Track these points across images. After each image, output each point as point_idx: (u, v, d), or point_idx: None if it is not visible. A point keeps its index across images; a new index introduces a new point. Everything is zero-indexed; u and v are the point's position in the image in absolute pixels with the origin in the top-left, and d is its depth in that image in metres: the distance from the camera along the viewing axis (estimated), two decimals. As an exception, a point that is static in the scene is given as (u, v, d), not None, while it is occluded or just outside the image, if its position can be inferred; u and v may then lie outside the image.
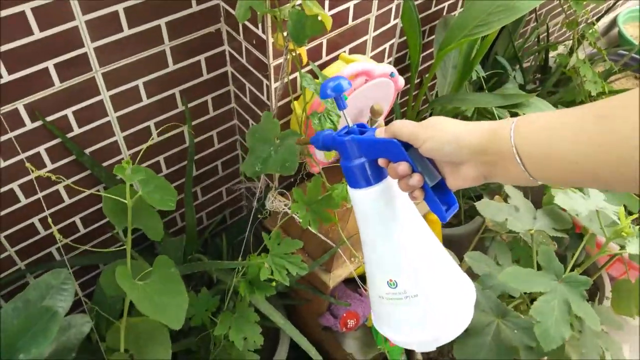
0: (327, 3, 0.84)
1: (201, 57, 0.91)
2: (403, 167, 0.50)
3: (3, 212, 0.84)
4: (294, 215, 0.97)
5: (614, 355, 0.96)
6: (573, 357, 0.91)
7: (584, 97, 1.45)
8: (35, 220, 0.89)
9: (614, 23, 2.29)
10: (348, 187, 0.57)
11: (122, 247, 0.74)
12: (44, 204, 0.86)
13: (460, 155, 0.47)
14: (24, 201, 0.85)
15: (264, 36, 0.81)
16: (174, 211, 1.13)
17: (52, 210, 0.90)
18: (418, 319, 0.56)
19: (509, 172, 0.45)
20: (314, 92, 0.76)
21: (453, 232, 1.37)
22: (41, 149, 0.81)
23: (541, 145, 0.42)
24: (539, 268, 0.90)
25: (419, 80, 1.40)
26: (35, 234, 0.91)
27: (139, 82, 0.85)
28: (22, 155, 0.80)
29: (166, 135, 0.97)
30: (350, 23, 0.91)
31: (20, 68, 0.71)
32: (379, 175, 0.54)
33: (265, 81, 0.88)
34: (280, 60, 0.85)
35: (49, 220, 0.75)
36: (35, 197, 0.86)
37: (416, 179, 0.49)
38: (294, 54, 0.79)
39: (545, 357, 0.95)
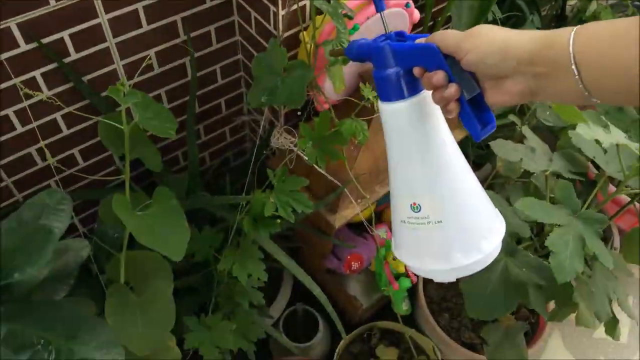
0: None
1: (204, -18, 0.86)
2: (439, 76, 0.46)
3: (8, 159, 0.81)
4: (299, 153, 0.94)
5: (621, 301, 0.95)
6: (580, 301, 0.90)
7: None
8: (32, 150, 0.86)
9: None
10: (379, 101, 0.54)
11: (121, 178, 0.71)
12: (38, 134, 0.82)
13: (506, 67, 0.44)
14: (19, 129, 0.82)
15: (271, -45, 0.75)
16: (175, 149, 1.10)
17: (50, 140, 0.87)
18: (439, 246, 0.54)
19: (559, 85, 0.42)
20: (327, 12, 0.71)
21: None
22: (37, 73, 0.77)
23: (603, 54, 0.39)
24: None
25: (432, 22, 1.34)
26: (32, 165, 0.88)
27: (138, 6, 0.80)
28: (17, 80, 0.76)
29: (167, 67, 0.92)
30: (364, -52, 0.85)
31: (12, -18, 0.67)
32: (414, 87, 0.51)
33: (272, 7, 0.83)
34: (289, -16, 0.79)
35: (45, 150, 0.72)
36: (32, 125, 0.82)
37: (452, 89, 0.46)
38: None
39: (553, 301, 0.94)
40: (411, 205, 0.53)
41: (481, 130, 0.48)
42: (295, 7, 0.80)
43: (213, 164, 1.19)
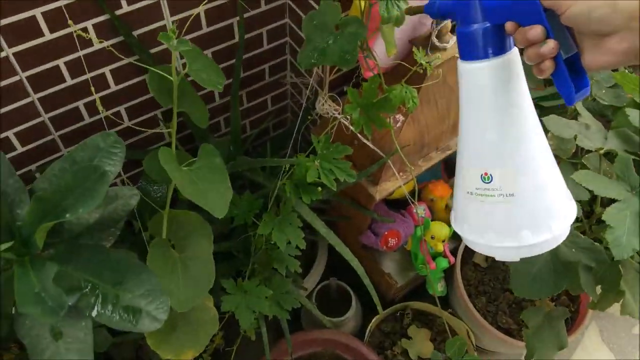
0: None
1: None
2: (536, 30, 0.43)
3: (49, 91, 0.81)
4: (343, 121, 0.92)
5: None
6: (626, 289, 0.86)
7: None
8: (80, 104, 0.86)
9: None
10: (459, 60, 0.50)
11: (165, 132, 0.71)
12: (91, 85, 0.82)
13: (613, 21, 0.40)
14: (69, 81, 0.82)
15: None
16: (218, 114, 1.10)
17: (98, 95, 0.87)
18: (508, 222, 0.51)
19: None
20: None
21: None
22: (89, 24, 0.77)
23: None
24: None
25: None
26: (80, 120, 0.88)
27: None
28: (69, 29, 0.76)
29: (215, 26, 0.91)
30: None
31: None
32: (500, 46, 0.47)
33: (325, -33, 0.81)
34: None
35: (98, 101, 0.72)
36: (82, 77, 0.82)
37: (551, 45, 0.43)
38: None
39: (599, 287, 0.91)
40: (482, 175, 0.51)
41: (575, 94, 0.45)
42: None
43: (253, 133, 1.18)
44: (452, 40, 0.89)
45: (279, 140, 1.20)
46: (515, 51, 0.49)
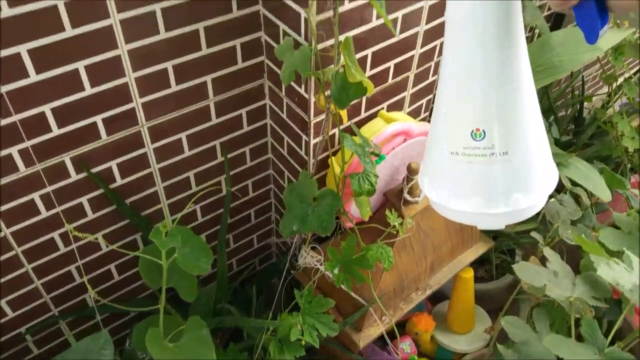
0: (369, 63, 0.84)
1: (242, 111, 0.92)
2: None
3: (43, 260, 0.85)
4: (326, 274, 0.97)
5: None
6: None
7: (621, 153, 1.42)
8: (72, 268, 0.90)
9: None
10: None
11: (155, 307, 0.74)
12: (77, 255, 0.87)
13: None
14: (62, 250, 0.86)
15: (306, 95, 0.82)
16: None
17: (89, 258, 0.91)
18: (500, 184, 0.44)
19: None
20: (354, 152, 0.76)
21: (485, 287, 1.34)
22: (84, 199, 0.82)
23: None
24: (578, 337, 0.87)
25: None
26: (71, 282, 0.91)
27: (182, 135, 0.87)
28: (64, 206, 0.81)
29: (204, 185, 0.98)
30: (390, 81, 0.92)
31: (70, 122, 0.73)
32: None
33: (304, 137, 0.89)
34: (321, 117, 0.85)
35: (83, 272, 0.76)
36: (73, 246, 0.87)
37: None
38: (334, 114, 0.80)
39: None
40: (473, 131, 0.43)
41: (600, 29, 0.38)
42: (325, 138, 0.86)
43: (240, 269, 1.22)
44: (423, 194, 0.96)
45: (265, 275, 1.23)
46: None
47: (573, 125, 1.71)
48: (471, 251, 1.17)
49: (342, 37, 0.75)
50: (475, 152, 0.43)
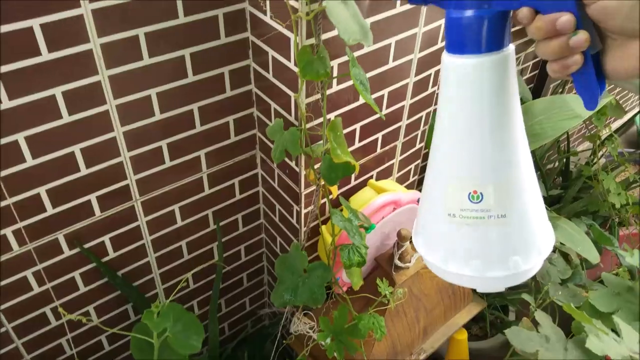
0: (357, 136, 0.87)
1: (235, 180, 0.94)
2: (567, 18, 0.36)
3: (33, 335, 0.84)
4: (320, 343, 0.96)
5: None
6: None
7: (608, 209, 1.45)
8: (62, 341, 0.89)
9: (631, 121, 2.32)
10: (445, 53, 0.42)
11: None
12: (67, 329, 0.87)
13: None
14: (53, 323, 0.86)
15: (297, 169, 0.84)
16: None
17: (80, 331, 0.90)
18: (498, 247, 0.44)
19: None
20: (343, 229, 0.78)
21: (478, 346, 1.33)
22: (76, 274, 0.83)
23: None
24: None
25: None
26: (61, 354, 0.91)
27: (175, 207, 0.88)
28: (56, 281, 0.82)
29: (196, 253, 0.99)
30: (379, 151, 0.95)
31: (65, 202, 0.75)
32: (499, 40, 0.40)
33: (295, 207, 0.90)
34: (311, 188, 0.87)
35: (73, 345, 0.75)
36: (64, 320, 0.87)
37: (583, 37, 0.36)
38: (324, 188, 0.82)
39: None
40: (470, 194, 0.43)
41: (599, 95, 0.39)
42: (317, 211, 0.87)
43: (232, 333, 1.21)
44: (413, 259, 0.97)
45: (257, 338, 1.22)
46: (512, 46, 0.41)
47: (561, 178, 1.75)
48: (464, 312, 1.17)
49: (331, 116, 0.79)
50: (472, 214, 0.43)
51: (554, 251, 1.19)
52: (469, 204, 0.43)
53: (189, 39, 0.71)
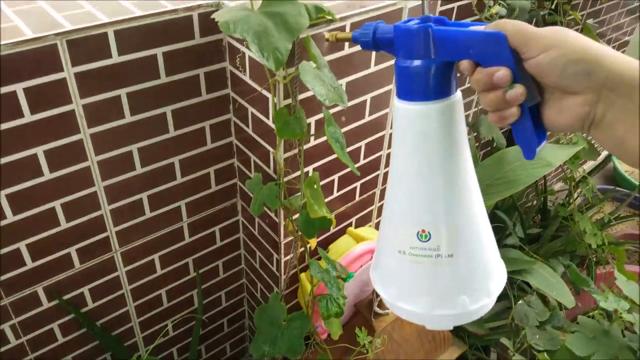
0: (336, 186, 0.89)
1: (216, 228, 0.95)
2: (504, 72, 0.38)
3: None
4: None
5: None
6: None
7: (585, 249, 1.48)
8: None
9: (608, 159, 2.39)
10: (396, 98, 0.44)
11: None
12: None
13: (587, 81, 0.36)
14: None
15: (276, 219, 0.85)
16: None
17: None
18: (446, 286, 0.45)
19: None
20: (321, 280, 0.79)
21: (460, 389, 1.33)
22: (54, 325, 0.83)
23: None
24: None
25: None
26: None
27: (155, 256, 0.89)
28: (35, 333, 0.81)
29: (175, 301, 0.99)
30: (357, 199, 0.97)
31: (44, 255, 0.75)
32: (445, 88, 0.42)
33: (275, 255, 0.92)
34: (290, 238, 0.89)
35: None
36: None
37: (519, 90, 0.38)
38: (302, 240, 0.83)
39: None
40: (419, 233, 0.44)
41: (537, 146, 0.40)
42: (295, 262, 0.89)
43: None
44: (393, 305, 0.98)
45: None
46: (459, 93, 0.43)
47: (539, 216, 1.78)
48: (445, 356, 1.18)
49: (310, 168, 0.81)
50: (421, 252, 0.44)
51: (532, 293, 1.21)
52: (418, 242, 0.44)
53: (170, 97, 0.73)
